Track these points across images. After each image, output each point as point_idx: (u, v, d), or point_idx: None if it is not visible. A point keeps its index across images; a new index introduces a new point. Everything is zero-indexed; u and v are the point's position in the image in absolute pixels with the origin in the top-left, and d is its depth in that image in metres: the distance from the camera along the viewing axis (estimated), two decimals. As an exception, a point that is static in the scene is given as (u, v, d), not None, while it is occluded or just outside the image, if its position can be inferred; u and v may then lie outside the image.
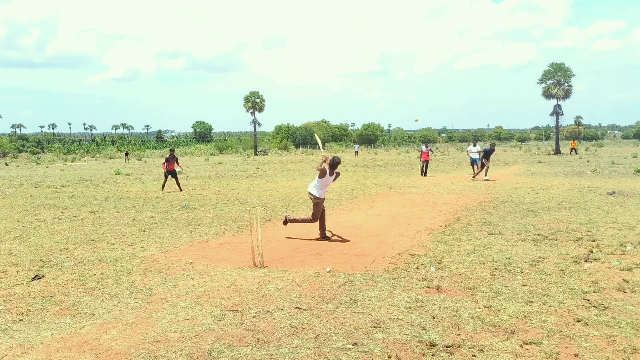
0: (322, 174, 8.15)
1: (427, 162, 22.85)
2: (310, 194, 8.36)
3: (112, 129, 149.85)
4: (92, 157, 56.82)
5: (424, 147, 23.19)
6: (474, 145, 22.64)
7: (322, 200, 8.33)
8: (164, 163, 17.34)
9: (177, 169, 17.58)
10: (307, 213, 9.69)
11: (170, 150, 18.13)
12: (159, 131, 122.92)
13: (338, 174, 8.46)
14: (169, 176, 17.16)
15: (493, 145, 21.32)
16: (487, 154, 20.09)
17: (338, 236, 8.50)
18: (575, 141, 49.39)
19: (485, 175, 19.79)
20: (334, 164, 8.23)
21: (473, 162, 22.47)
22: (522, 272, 6.09)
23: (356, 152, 54.04)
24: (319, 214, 8.34)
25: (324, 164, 8.24)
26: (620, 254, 6.93)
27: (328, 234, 8.54)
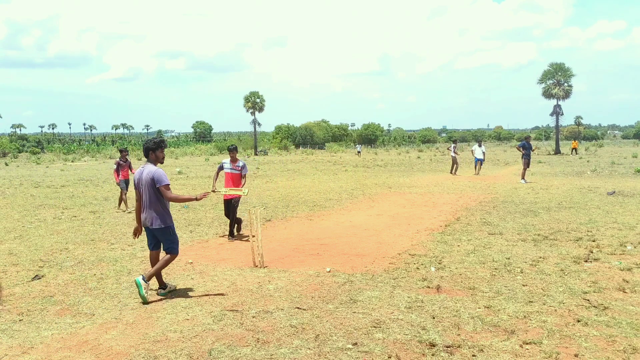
0: None
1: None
2: None
3: (112, 129, 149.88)
4: (92, 157, 56.81)
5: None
6: (479, 146, 22.59)
7: None
8: (115, 170, 12.59)
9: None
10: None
11: (122, 150, 13.08)
12: (159, 131, 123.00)
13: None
14: (124, 187, 12.39)
15: (528, 138, 19.24)
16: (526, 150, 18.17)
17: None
18: (577, 141, 49.39)
19: (522, 178, 18.00)
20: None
21: (477, 162, 22.51)
22: (522, 272, 6.09)
23: (358, 152, 53.68)
24: None
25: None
26: (620, 254, 6.93)
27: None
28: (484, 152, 22.66)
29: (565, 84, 46.72)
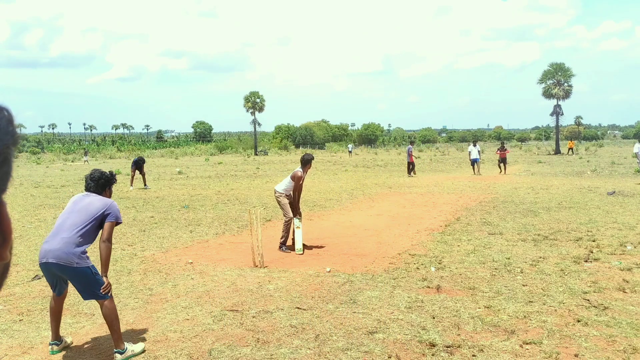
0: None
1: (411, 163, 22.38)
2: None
3: (112, 129, 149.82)
4: (92, 157, 56.79)
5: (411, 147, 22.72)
6: (474, 146, 22.76)
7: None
8: None
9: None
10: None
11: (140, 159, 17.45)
12: (159, 131, 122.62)
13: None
14: None
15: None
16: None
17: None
18: (573, 141, 49.36)
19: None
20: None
21: (473, 162, 22.58)
22: (522, 272, 6.09)
23: (349, 152, 52.26)
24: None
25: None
26: (620, 254, 6.93)
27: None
28: (479, 152, 22.81)
29: (565, 84, 46.69)
